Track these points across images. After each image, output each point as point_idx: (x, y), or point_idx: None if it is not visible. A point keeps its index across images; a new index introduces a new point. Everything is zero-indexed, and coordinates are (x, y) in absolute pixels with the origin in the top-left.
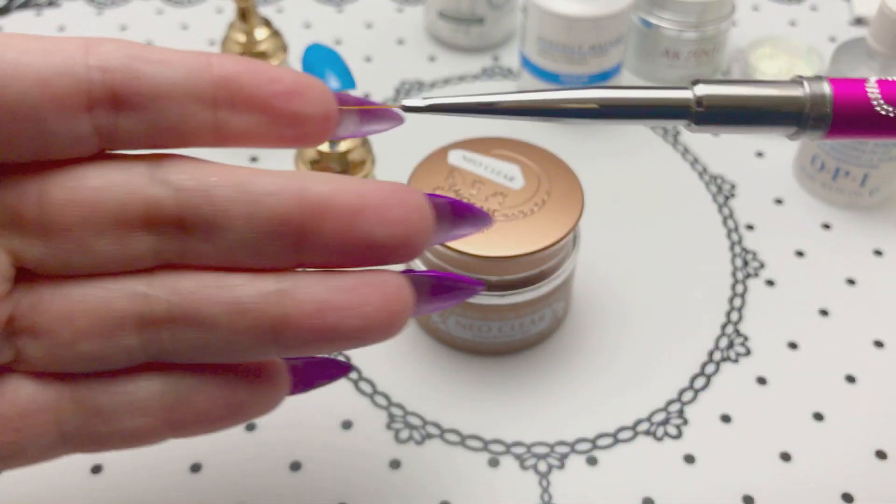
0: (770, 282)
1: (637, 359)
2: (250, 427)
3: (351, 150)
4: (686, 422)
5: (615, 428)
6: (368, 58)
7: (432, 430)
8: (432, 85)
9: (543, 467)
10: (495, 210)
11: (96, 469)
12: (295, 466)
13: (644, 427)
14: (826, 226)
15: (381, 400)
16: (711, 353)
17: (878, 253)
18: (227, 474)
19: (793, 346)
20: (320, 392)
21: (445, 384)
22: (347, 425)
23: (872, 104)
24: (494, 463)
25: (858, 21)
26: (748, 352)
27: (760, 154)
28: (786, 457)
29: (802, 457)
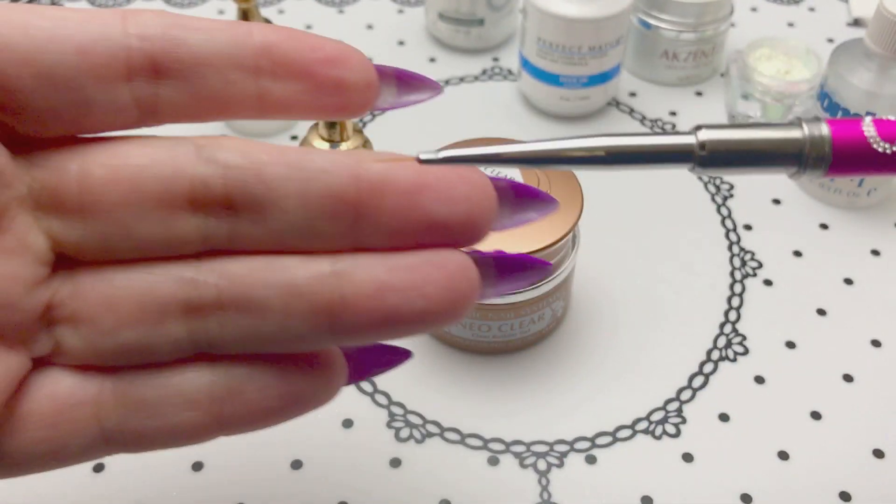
0: (768, 281)
1: (635, 358)
2: None
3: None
4: (684, 421)
5: (614, 427)
6: (369, 59)
7: (432, 429)
8: None
9: (543, 466)
10: None
11: (98, 468)
12: (296, 465)
13: (643, 426)
14: (824, 226)
15: (382, 399)
16: (710, 353)
17: (876, 253)
18: (228, 473)
19: (791, 346)
20: None
21: (445, 383)
22: (348, 424)
23: (869, 142)
24: (494, 461)
25: (856, 22)
26: (746, 351)
27: None
28: (784, 455)
29: (800, 455)
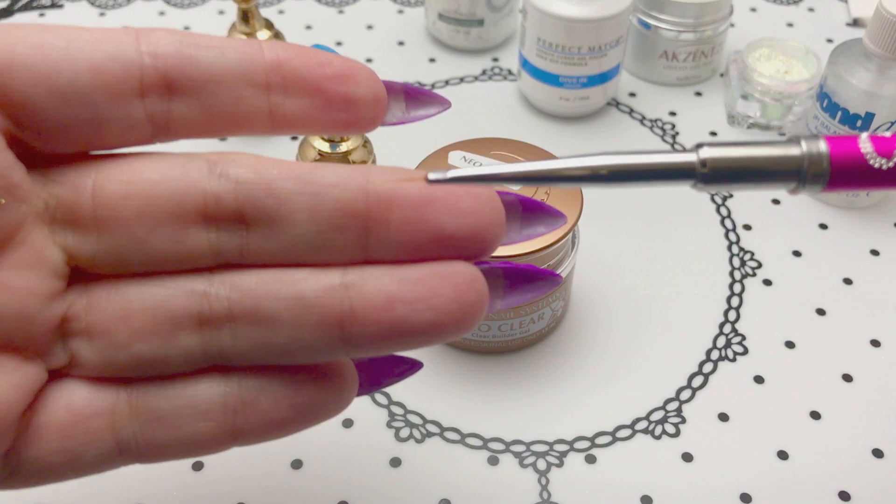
0: (767, 281)
1: (635, 358)
2: None
3: (352, 151)
4: (684, 420)
5: (614, 426)
6: (369, 59)
7: (432, 429)
8: (433, 86)
9: (542, 465)
10: None
11: None
12: (296, 464)
13: (642, 425)
14: (823, 226)
15: (382, 398)
16: (709, 352)
17: (875, 253)
18: (229, 472)
19: (790, 346)
20: None
21: (445, 383)
22: (348, 423)
23: (866, 158)
24: (494, 461)
25: (855, 22)
26: (746, 351)
27: None
28: (783, 455)
29: (799, 455)
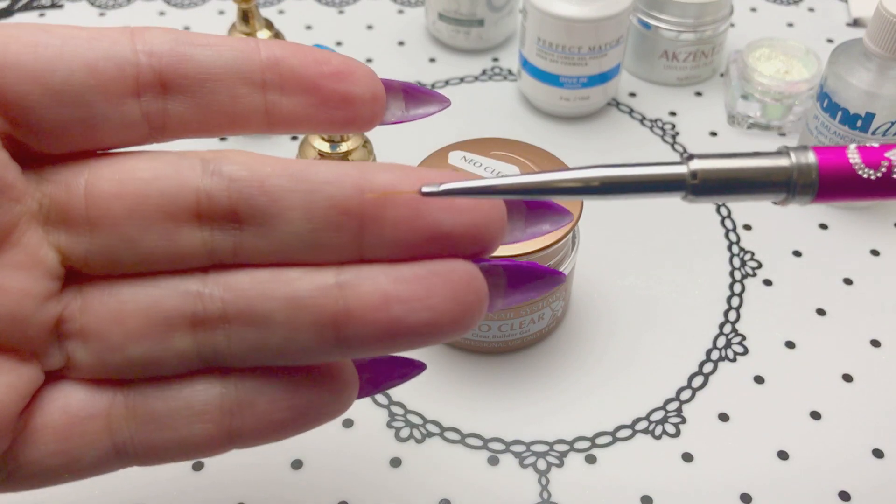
0: (768, 281)
1: (635, 358)
2: None
3: (352, 151)
4: (684, 420)
5: (614, 426)
6: (369, 59)
7: (432, 429)
8: (433, 86)
9: (542, 465)
10: None
11: None
12: (296, 464)
13: (642, 426)
14: (823, 226)
15: (382, 398)
16: (709, 353)
17: (875, 253)
18: (229, 473)
19: (790, 346)
20: None
21: (445, 383)
22: (348, 424)
23: (854, 169)
24: (494, 461)
25: (856, 22)
26: (746, 351)
27: None
28: (783, 455)
29: (800, 455)
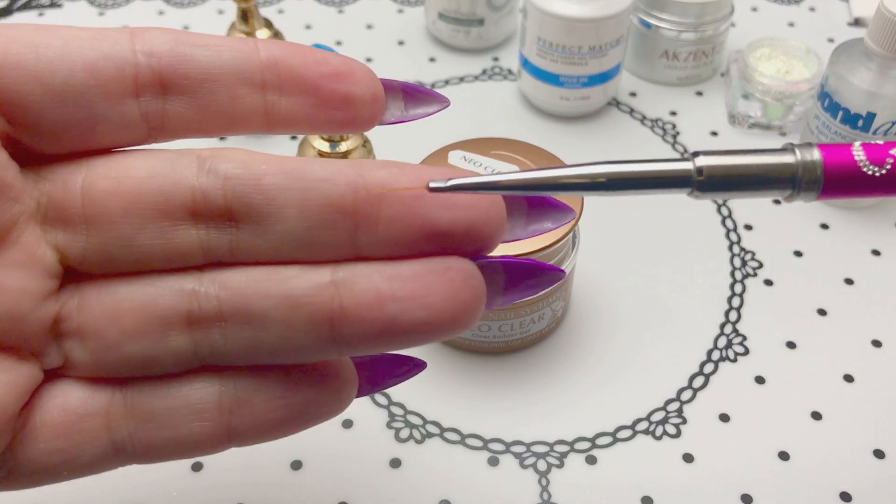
0: (768, 281)
1: (635, 358)
2: None
3: (351, 151)
4: (685, 421)
5: (614, 427)
6: (369, 59)
7: (432, 429)
8: (433, 85)
9: (543, 466)
10: None
11: None
12: (296, 465)
13: (643, 426)
14: (824, 226)
15: (382, 399)
16: (710, 353)
17: (876, 253)
18: (229, 473)
19: (791, 346)
20: None
21: (445, 383)
22: (348, 424)
23: (859, 166)
24: (494, 462)
25: (857, 22)
26: (746, 351)
27: None
28: (784, 456)
29: (800, 456)
